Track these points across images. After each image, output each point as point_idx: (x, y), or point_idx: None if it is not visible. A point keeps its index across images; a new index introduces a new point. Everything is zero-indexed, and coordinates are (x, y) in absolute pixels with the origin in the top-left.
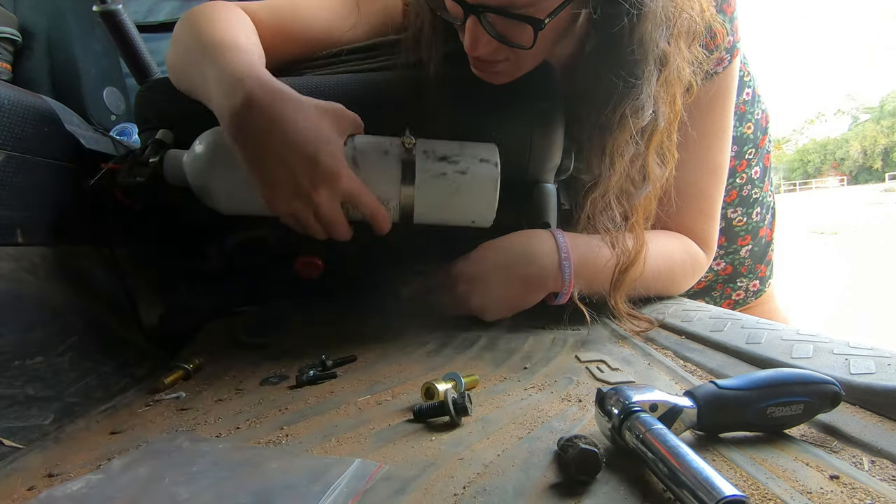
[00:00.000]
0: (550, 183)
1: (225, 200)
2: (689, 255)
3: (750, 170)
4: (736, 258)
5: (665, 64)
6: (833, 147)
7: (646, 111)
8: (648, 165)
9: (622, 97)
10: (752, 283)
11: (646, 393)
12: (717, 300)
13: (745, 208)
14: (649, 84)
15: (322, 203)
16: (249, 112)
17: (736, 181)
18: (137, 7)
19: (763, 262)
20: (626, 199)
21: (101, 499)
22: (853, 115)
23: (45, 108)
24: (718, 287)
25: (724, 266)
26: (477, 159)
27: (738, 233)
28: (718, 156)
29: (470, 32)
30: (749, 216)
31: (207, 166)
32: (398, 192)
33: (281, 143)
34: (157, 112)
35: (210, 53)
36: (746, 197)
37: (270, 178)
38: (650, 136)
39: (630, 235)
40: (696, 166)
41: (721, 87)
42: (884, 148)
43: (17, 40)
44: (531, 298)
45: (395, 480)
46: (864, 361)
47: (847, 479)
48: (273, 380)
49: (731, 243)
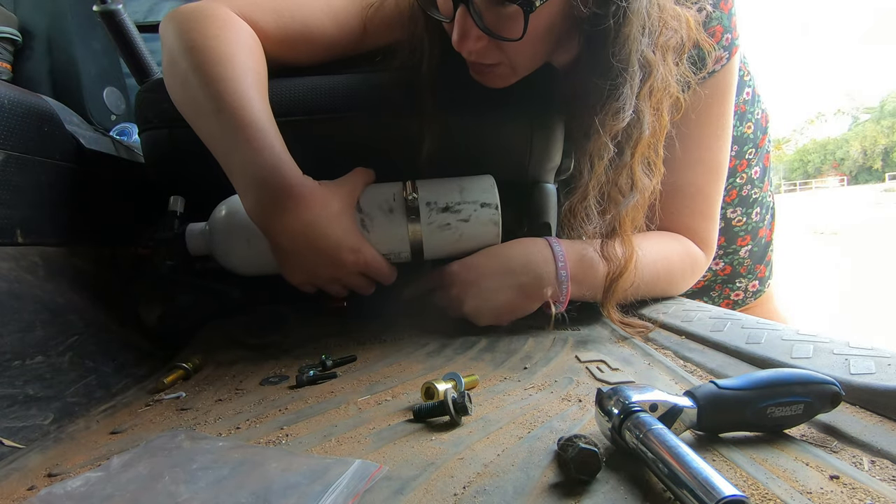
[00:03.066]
0: (550, 183)
1: (245, 267)
2: (688, 255)
3: (750, 170)
4: (735, 258)
5: (650, 72)
6: (833, 147)
7: (625, 112)
8: (636, 174)
9: (605, 99)
10: (751, 284)
11: (646, 393)
12: (716, 300)
13: (744, 208)
14: (631, 87)
15: (341, 280)
16: (277, 213)
17: (736, 181)
18: (137, 7)
19: (762, 263)
20: (614, 206)
21: (100, 497)
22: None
23: (45, 107)
24: (717, 287)
25: (723, 266)
26: (478, 204)
27: (738, 233)
28: (718, 155)
29: (459, 26)
30: (749, 216)
31: (227, 240)
32: (407, 245)
33: (308, 247)
34: (157, 112)
35: (227, 123)
36: (746, 197)
37: (295, 268)
38: (636, 144)
39: (619, 244)
40: (696, 165)
41: (720, 85)
42: (884, 148)
43: (17, 40)
44: (527, 307)
45: (395, 480)
46: (864, 361)
47: (847, 479)
48: (273, 380)
49: (731, 243)
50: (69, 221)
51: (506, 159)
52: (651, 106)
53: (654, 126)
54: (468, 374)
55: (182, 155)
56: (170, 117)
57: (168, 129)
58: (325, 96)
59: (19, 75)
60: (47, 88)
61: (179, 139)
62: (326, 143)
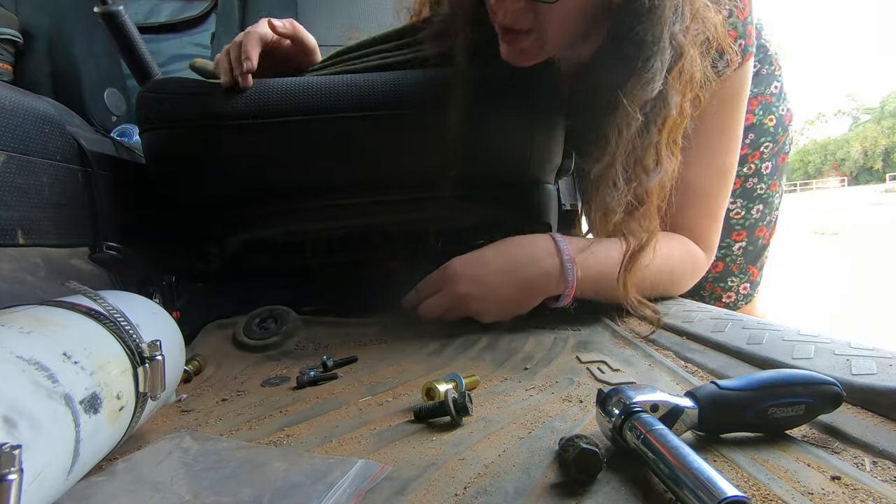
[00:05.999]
0: (551, 183)
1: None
2: (690, 255)
3: (761, 163)
4: (728, 253)
5: (681, 53)
6: (833, 148)
7: (655, 84)
8: (661, 152)
9: (636, 70)
10: (742, 286)
11: (647, 393)
12: (708, 301)
13: (745, 201)
14: (662, 62)
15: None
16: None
17: (743, 170)
18: (138, 8)
19: (756, 265)
20: (639, 182)
21: (104, 498)
22: (854, 115)
23: (46, 109)
24: (708, 286)
25: (715, 263)
26: None
27: (734, 226)
28: (727, 158)
29: None
30: (748, 210)
31: None
32: None
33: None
34: (157, 113)
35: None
36: (750, 190)
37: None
38: (663, 122)
39: (644, 217)
40: (704, 167)
41: (731, 88)
42: (884, 148)
43: (18, 41)
44: (532, 301)
45: (396, 480)
46: (865, 362)
47: (849, 479)
48: (274, 381)
49: (726, 236)
50: (70, 222)
51: (506, 159)
52: (678, 89)
53: (680, 109)
54: (469, 374)
55: (182, 155)
56: (170, 118)
57: (168, 130)
58: (333, 97)
59: (20, 76)
60: (48, 90)
61: (180, 139)
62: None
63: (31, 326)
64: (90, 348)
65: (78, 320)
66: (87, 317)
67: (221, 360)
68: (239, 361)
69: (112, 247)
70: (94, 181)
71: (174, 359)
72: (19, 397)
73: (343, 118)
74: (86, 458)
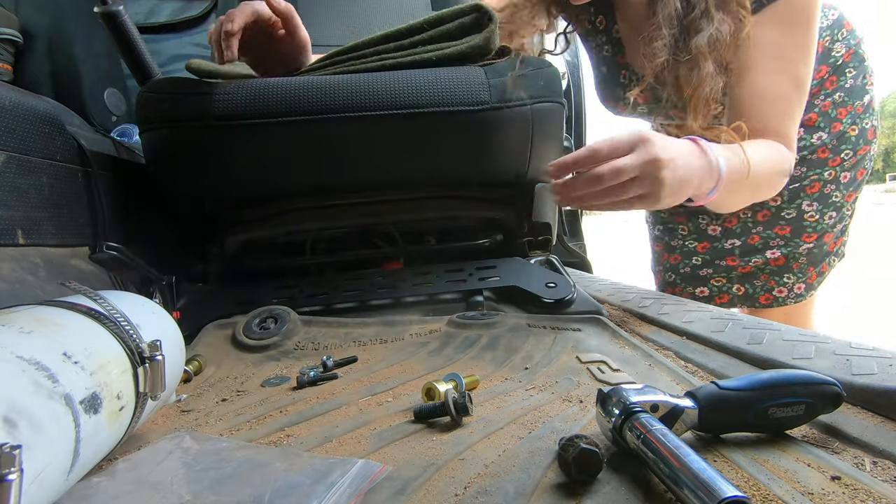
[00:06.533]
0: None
1: None
2: (781, 156)
3: (840, 171)
4: (794, 251)
5: None
6: None
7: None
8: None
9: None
10: (797, 285)
11: (647, 394)
12: (757, 290)
13: (821, 206)
14: None
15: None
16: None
17: (824, 175)
18: (138, 8)
19: (816, 269)
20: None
21: (104, 498)
22: None
23: (46, 109)
24: (763, 277)
25: (778, 256)
26: None
27: (806, 227)
28: (802, 69)
29: None
30: (822, 214)
31: None
32: None
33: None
34: (157, 113)
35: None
36: (827, 195)
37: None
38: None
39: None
40: (780, 75)
41: (803, 4)
42: (885, 149)
43: (18, 41)
44: (704, 188)
45: (397, 480)
46: (865, 362)
47: (849, 479)
48: (274, 381)
49: (796, 235)
50: (70, 222)
51: (506, 159)
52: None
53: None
54: (469, 374)
55: (182, 155)
56: (170, 118)
57: (168, 130)
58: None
59: (20, 76)
60: (48, 90)
61: (180, 139)
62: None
63: (32, 326)
64: (90, 348)
65: (78, 320)
66: (88, 317)
67: (221, 360)
68: (239, 361)
69: (112, 247)
70: (94, 181)
71: (174, 359)
72: (19, 397)
73: (343, 118)
74: (86, 458)
